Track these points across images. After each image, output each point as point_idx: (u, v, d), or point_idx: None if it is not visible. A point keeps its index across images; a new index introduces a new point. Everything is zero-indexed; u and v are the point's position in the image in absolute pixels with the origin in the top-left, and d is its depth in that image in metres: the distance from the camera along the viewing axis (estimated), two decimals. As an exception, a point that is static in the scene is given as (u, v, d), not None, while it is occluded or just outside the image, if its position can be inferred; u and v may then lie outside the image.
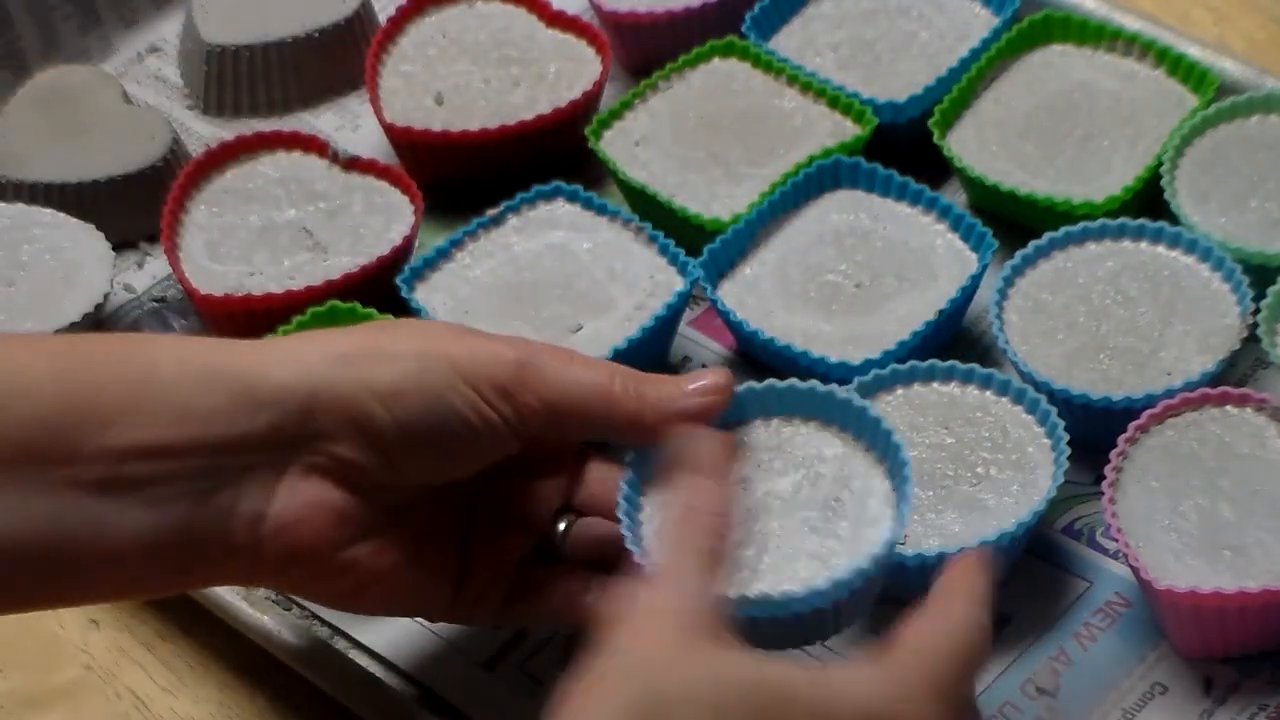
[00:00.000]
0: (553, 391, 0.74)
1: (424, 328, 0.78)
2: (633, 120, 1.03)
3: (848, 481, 0.76)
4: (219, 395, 0.72)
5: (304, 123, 1.10)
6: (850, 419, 0.78)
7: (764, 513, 0.75)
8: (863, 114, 1.01)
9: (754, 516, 0.75)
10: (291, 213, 1.01)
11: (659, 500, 0.76)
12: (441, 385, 0.73)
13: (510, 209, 0.98)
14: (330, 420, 0.73)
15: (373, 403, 0.73)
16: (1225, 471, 0.84)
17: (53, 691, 0.90)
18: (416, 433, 0.74)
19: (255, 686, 0.89)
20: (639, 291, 0.95)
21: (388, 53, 1.07)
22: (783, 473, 0.77)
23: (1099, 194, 0.97)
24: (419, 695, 0.84)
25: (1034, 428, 0.87)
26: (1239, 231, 0.94)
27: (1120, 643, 0.85)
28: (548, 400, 0.74)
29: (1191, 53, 1.02)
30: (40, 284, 0.99)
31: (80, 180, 1.03)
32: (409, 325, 0.79)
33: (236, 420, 0.73)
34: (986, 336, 0.95)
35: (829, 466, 0.77)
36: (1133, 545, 0.82)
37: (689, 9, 1.06)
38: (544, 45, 1.07)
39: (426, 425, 0.74)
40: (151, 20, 1.16)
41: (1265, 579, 0.80)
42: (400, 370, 0.73)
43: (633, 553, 0.74)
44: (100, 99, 1.07)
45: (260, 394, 0.73)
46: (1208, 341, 0.90)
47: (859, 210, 0.98)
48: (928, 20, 1.06)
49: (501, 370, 0.74)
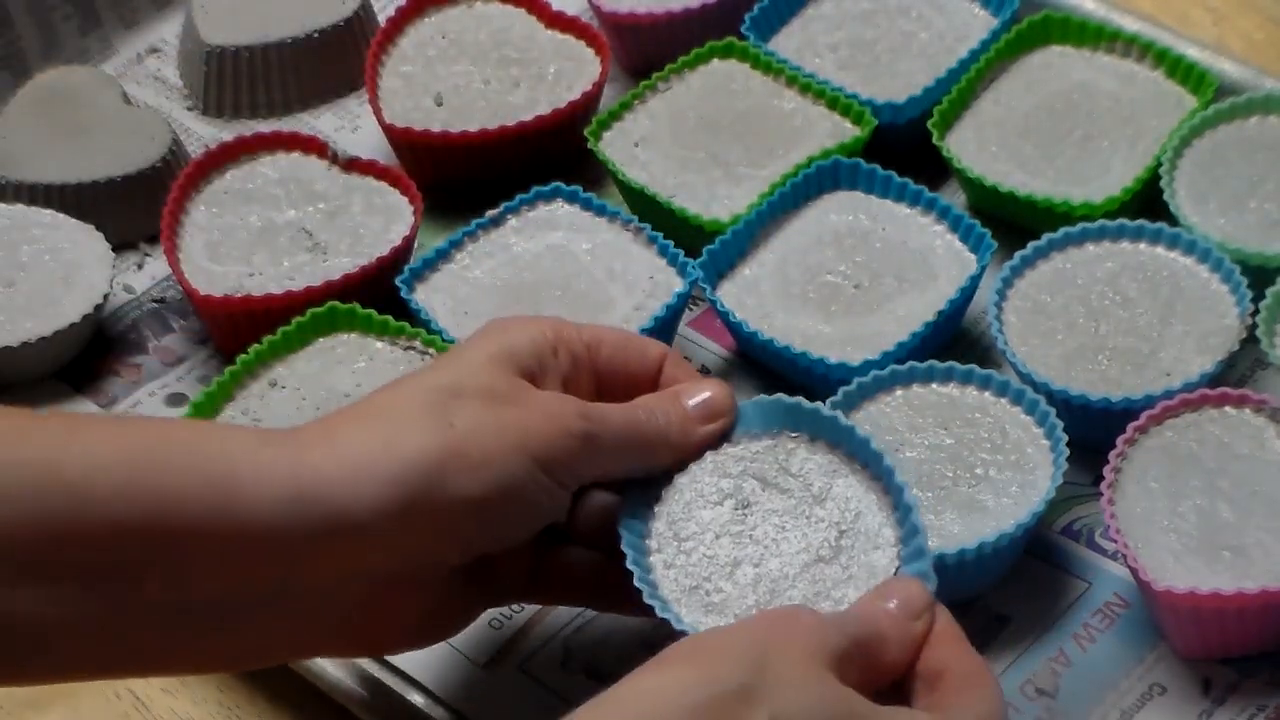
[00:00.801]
0: (609, 452, 0.76)
1: (492, 403, 0.74)
2: (632, 121, 1.03)
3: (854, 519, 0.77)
4: (307, 524, 0.71)
5: (304, 123, 1.10)
6: (853, 445, 0.78)
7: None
8: (862, 115, 1.01)
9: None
10: (291, 213, 1.01)
11: (663, 532, 0.77)
12: (527, 485, 0.74)
13: (510, 210, 0.98)
14: (423, 537, 0.73)
15: (464, 519, 0.73)
16: (1224, 472, 0.84)
17: (53, 691, 0.89)
18: (501, 529, 0.75)
19: (255, 686, 0.89)
20: (638, 292, 0.95)
21: (387, 53, 1.07)
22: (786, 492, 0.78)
23: (1098, 195, 0.97)
24: (419, 695, 0.84)
25: (1033, 428, 0.87)
26: (1238, 232, 0.94)
27: (1119, 643, 0.85)
28: (605, 461, 0.76)
29: (1190, 53, 1.02)
30: (40, 284, 0.99)
31: (80, 181, 1.03)
32: (476, 400, 0.74)
33: (319, 555, 0.72)
34: (986, 337, 0.95)
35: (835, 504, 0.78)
36: (1132, 546, 0.82)
37: (689, 9, 1.06)
38: (544, 46, 1.07)
39: (509, 521, 0.75)
40: (151, 21, 1.16)
41: (1265, 579, 0.80)
42: (488, 481, 0.73)
43: (643, 591, 0.75)
44: (100, 100, 1.07)
45: (352, 524, 0.71)
46: (1207, 342, 0.90)
47: (858, 211, 0.98)
48: (927, 21, 1.06)
49: (570, 452, 0.74)
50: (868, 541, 0.76)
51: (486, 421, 0.74)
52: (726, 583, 0.75)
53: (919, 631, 0.72)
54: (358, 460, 0.72)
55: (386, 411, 0.74)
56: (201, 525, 0.70)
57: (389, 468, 0.72)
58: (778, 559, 0.76)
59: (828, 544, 0.76)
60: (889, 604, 0.72)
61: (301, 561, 0.72)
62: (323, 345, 0.94)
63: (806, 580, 0.75)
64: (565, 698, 0.83)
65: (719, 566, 0.76)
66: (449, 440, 0.73)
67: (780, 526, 0.77)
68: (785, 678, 0.67)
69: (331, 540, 0.71)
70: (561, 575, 0.80)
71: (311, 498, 0.71)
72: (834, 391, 0.88)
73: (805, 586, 0.75)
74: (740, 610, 0.74)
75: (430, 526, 0.73)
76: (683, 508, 0.77)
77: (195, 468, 0.71)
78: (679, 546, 0.76)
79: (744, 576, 0.75)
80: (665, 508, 0.78)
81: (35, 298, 0.98)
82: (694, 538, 0.76)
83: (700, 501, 0.77)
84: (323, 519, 0.71)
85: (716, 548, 0.76)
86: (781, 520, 0.77)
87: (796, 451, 0.79)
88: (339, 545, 0.72)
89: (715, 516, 0.77)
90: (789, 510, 0.77)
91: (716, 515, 0.77)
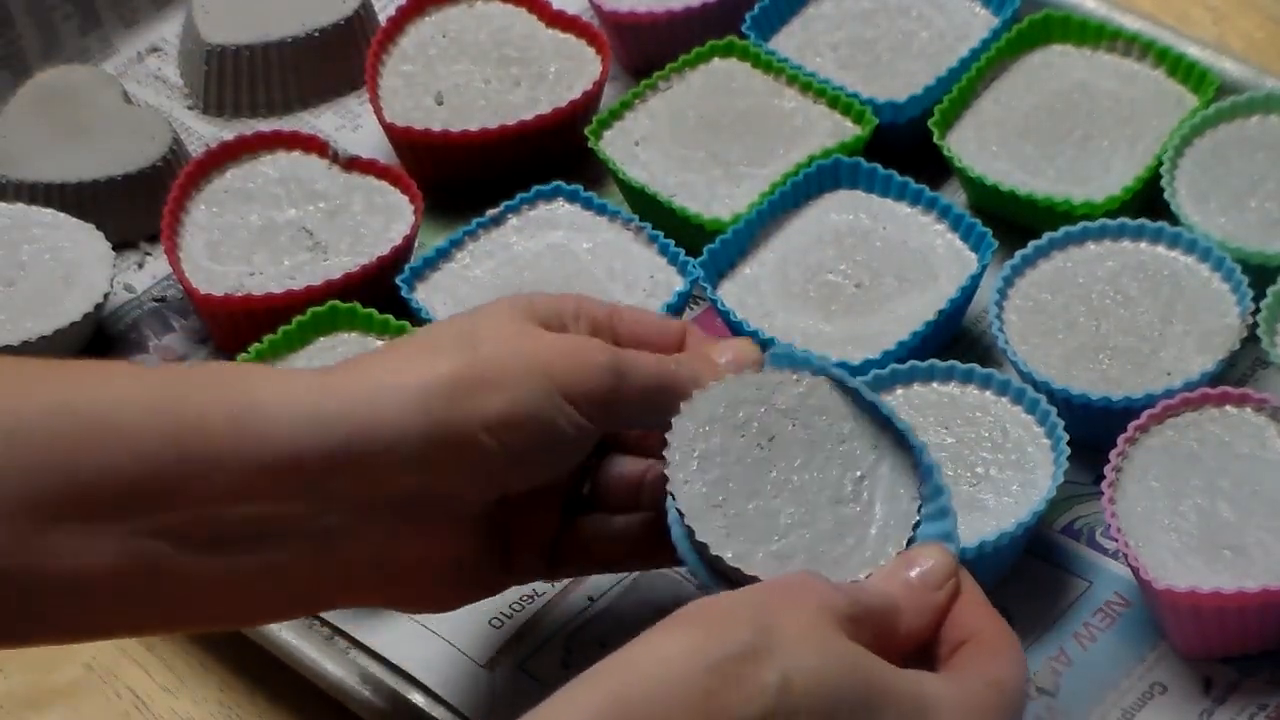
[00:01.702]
0: (637, 394, 0.75)
1: (514, 335, 0.76)
2: (633, 120, 1.03)
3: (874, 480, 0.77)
4: (326, 448, 0.71)
5: (304, 123, 1.10)
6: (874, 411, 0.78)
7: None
8: (863, 114, 1.01)
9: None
10: (291, 213, 1.01)
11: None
12: (548, 408, 0.73)
13: (510, 209, 0.98)
14: (444, 460, 0.73)
15: (485, 436, 0.73)
16: (1225, 471, 0.84)
17: (53, 691, 0.90)
18: (524, 456, 0.74)
19: (255, 686, 0.89)
20: (639, 291, 0.95)
21: (388, 53, 1.07)
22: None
23: (1099, 194, 0.97)
24: (419, 695, 0.84)
25: (1034, 427, 0.87)
26: (1239, 231, 0.94)
27: (1120, 642, 0.85)
28: (634, 405, 0.76)
29: (1191, 52, 1.02)
30: (40, 284, 0.99)
31: (80, 180, 1.03)
32: (498, 333, 0.76)
33: (344, 478, 0.72)
34: (986, 336, 0.95)
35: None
36: (1132, 545, 0.82)
37: (689, 9, 1.06)
38: (544, 45, 1.07)
39: (534, 448, 0.74)
40: (151, 20, 1.16)
41: (1265, 579, 0.80)
42: (508, 399, 0.73)
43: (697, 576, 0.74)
44: (100, 99, 1.07)
45: (371, 449, 0.71)
46: (1208, 341, 0.90)
47: (859, 210, 0.98)
48: (928, 20, 1.06)
49: (597, 383, 0.74)
50: (887, 490, 0.76)
51: (510, 349, 0.74)
52: (751, 507, 0.75)
53: (940, 601, 0.72)
54: (380, 381, 0.72)
55: (408, 345, 0.76)
56: (223, 447, 0.70)
57: (410, 387, 0.72)
58: (798, 492, 0.75)
59: (850, 482, 0.76)
60: (910, 573, 0.72)
61: (326, 484, 0.71)
62: (323, 344, 0.94)
63: (826, 520, 0.75)
64: (566, 697, 0.83)
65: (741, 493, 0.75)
66: (472, 362, 0.73)
67: (805, 461, 0.76)
68: (793, 636, 0.66)
69: (354, 462, 0.71)
70: (592, 540, 0.80)
71: (333, 415, 0.71)
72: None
73: (824, 524, 0.75)
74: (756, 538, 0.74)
75: (453, 449, 0.72)
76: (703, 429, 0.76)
77: (215, 395, 0.71)
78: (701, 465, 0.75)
79: (766, 503, 0.75)
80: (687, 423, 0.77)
81: (35, 297, 0.98)
82: (714, 458, 0.75)
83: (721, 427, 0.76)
84: (344, 439, 0.71)
85: (737, 471, 0.75)
86: (804, 453, 0.76)
87: (815, 391, 0.78)
88: (362, 467, 0.71)
89: (736, 444, 0.76)
90: (811, 444, 0.76)
91: (738, 443, 0.76)
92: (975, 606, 0.73)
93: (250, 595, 0.74)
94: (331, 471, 0.71)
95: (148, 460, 0.69)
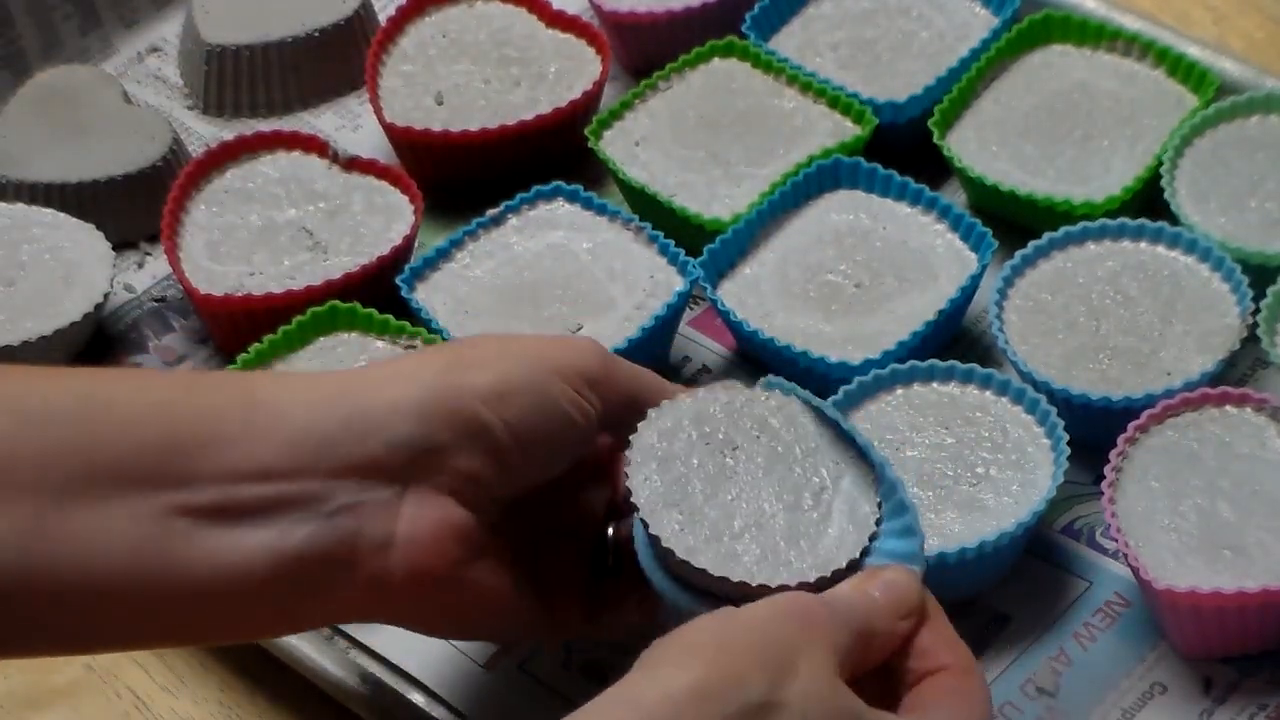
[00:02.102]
0: (629, 381, 0.77)
1: (502, 337, 0.80)
2: (633, 120, 1.03)
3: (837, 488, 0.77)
4: (331, 421, 0.73)
5: (304, 123, 1.10)
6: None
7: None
8: (863, 114, 1.01)
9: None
10: (291, 213, 1.01)
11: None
12: (541, 381, 0.75)
13: (510, 209, 0.98)
14: (444, 432, 0.73)
15: (481, 407, 0.74)
16: (1225, 471, 0.84)
17: (53, 691, 0.90)
18: (524, 431, 0.75)
19: (255, 686, 0.89)
20: (639, 291, 0.95)
21: (388, 53, 1.07)
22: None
23: (1099, 194, 0.97)
24: (419, 695, 0.84)
25: (1034, 427, 0.87)
26: (1239, 231, 0.94)
27: (1120, 642, 0.85)
28: (627, 391, 0.77)
29: (1191, 53, 1.02)
30: (40, 284, 0.99)
31: (80, 180, 1.03)
32: (487, 338, 0.80)
33: (351, 444, 0.73)
34: (986, 336, 0.95)
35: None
36: (1132, 545, 0.82)
37: (689, 9, 1.06)
38: (544, 45, 1.07)
39: (533, 423, 0.75)
40: (151, 20, 1.16)
41: (1265, 579, 0.80)
42: (500, 372, 0.75)
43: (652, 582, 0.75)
44: (100, 99, 1.07)
45: (372, 415, 0.73)
46: (1208, 341, 0.90)
47: (859, 210, 0.98)
48: (928, 20, 1.06)
49: (588, 362, 0.76)
50: (847, 502, 0.75)
51: (500, 340, 0.78)
52: (709, 507, 0.75)
53: (905, 630, 0.72)
54: (379, 372, 0.75)
55: (397, 358, 0.81)
56: (237, 428, 0.72)
57: (400, 372, 0.75)
58: (756, 496, 0.75)
59: (810, 492, 0.75)
60: (877, 593, 0.72)
61: (328, 462, 0.72)
62: (323, 344, 0.94)
63: (780, 523, 0.75)
64: (565, 697, 0.83)
65: (699, 493, 0.75)
66: (462, 350, 0.77)
67: (767, 470, 0.76)
68: (804, 692, 0.67)
69: (354, 440, 0.73)
70: (625, 597, 0.80)
71: (333, 396, 0.73)
72: (834, 391, 0.88)
73: (779, 527, 0.74)
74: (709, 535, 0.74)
75: (452, 415, 0.73)
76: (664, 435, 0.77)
77: (224, 386, 0.75)
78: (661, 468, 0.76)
79: (724, 505, 0.75)
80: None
81: (35, 297, 0.98)
82: (674, 461, 0.76)
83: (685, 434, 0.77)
84: (344, 419, 0.73)
85: (699, 474, 0.76)
86: (767, 463, 0.76)
87: (784, 408, 0.78)
88: (364, 447, 0.73)
89: (699, 450, 0.76)
90: (774, 455, 0.77)
91: (701, 449, 0.76)
92: (940, 634, 0.73)
93: (259, 589, 0.73)
94: (334, 456, 0.72)
95: (166, 439, 0.71)
